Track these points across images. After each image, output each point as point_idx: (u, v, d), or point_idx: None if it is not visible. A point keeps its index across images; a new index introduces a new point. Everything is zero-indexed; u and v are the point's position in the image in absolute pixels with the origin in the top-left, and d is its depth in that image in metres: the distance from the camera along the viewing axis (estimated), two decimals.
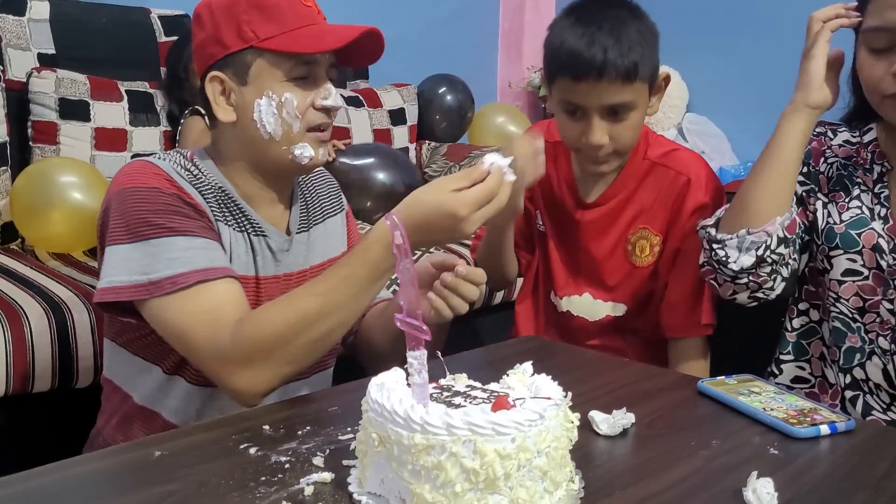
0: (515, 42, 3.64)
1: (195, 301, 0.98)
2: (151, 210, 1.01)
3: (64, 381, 1.55)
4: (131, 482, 0.76)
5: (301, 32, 1.05)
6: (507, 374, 0.78)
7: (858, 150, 1.20)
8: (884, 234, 1.12)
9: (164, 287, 0.98)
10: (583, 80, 1.21)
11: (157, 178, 1.04)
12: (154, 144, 2.26)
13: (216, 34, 1.06)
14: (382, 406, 0.68)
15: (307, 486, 0.73)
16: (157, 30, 2.41)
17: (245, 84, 1.07)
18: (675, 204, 1.35)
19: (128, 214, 1.01)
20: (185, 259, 0.99)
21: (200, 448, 0.81)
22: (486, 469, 0.64)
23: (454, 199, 0.92)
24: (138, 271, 0.99)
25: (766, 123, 1.15)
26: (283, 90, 1.06)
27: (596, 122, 1.24)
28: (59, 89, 2.10)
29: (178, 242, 1.00)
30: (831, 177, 1.20)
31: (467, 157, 2.81)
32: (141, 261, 1.00)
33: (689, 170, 1.35)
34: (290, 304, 0.97)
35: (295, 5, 1.06)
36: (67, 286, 1.67)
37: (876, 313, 1.12)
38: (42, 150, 2.09)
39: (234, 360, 0.96)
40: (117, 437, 1.13)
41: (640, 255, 1.39)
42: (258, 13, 1.04)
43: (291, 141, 1.07)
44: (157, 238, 1.00)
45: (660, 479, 0.77)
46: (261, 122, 1.06)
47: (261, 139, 1.07)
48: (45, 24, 2.20)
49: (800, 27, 1.21)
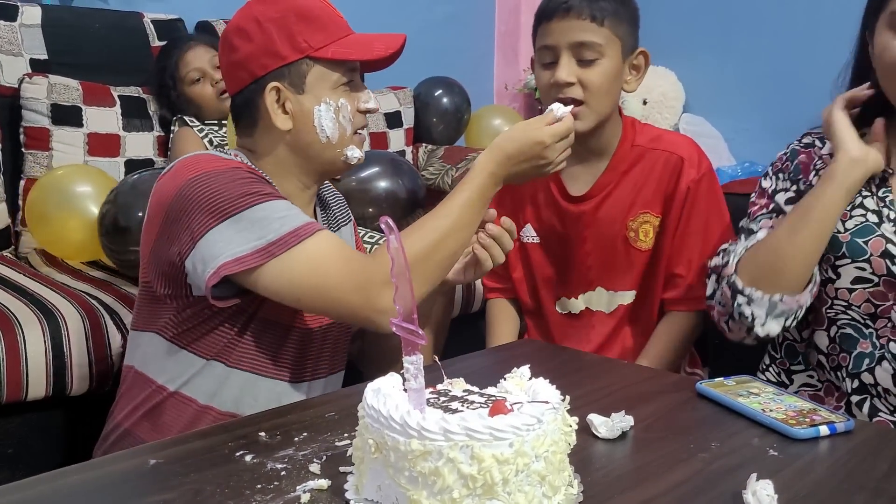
0: (511, 44, 3.64)
1: (318, 247, 1.02)
2: (243, 183, 1.04)
3: (58, 388, 1.54)
4: (127, 491, 0.75)
5: (347, 41, 1.13)
6: (504, 377, 0.78)
7: None
8: (894, 238, 1.09)
9: (288, 243, 1.01)
10: (553, 19, 1.33)
11: (230, 161, 1.09)
12: (148, 150, 2.25)
13: (269, 46, 1.10)
14: (379, 412, 0.68)
15: (303, 494, 0.72)
16: (151, 34, 2.39)
17: (302, 92, 1.12)
18: (671, 182, 1.40)
19: (214, 196, 1.03)
20: (294, 215, 1.04)
21: (196, 456, 0.80)
22: (483, 475, 0.64)
23: (541, 130, 1.10)
24: (253, 239, 1.01)
25: (762, 124, 1.15)
26: (338, 96, 1.13)
27: (564, 60, 1.33)
28: (51, 95, 2.09)
29: (280, 205, 1.04)
30: None
31: (465, 159, 2.81)
32: (251, 230, 1.02)
33: (681, 149, 1.41)
34: (421, 228, 1.06)
35: (333, 17, 1.14)
36: (61, 293, 1.66)
37: (888, 318, 1.11)
38: (35, 156, 2.08)
39: (377, 282, 1.00)
40: (144, 426, 1.14)
41: (644, 238, 1.42)
42: (307, 24, 1.11)
43: (344, 143, 1.15)
44: (259, 205, 1.03)
45: (659, 483, 0.76)
46: (321, 128, 1.13)
47: (318, 143, 1.14)
48: (37, 29, 2.19)
49: (796, 28, 1.22)
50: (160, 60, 2.25)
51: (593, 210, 1.43)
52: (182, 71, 2.20)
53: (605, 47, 1.32)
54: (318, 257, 1.02)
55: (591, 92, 1.32)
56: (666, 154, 1.40)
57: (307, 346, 1.18)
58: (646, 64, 1.40)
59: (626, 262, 1.43)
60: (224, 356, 1.12)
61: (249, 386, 1.14)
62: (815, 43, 2.94)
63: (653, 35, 1.40)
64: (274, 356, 1.15)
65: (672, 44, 2.98)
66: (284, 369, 1.16)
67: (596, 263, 1.45)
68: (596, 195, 1.42)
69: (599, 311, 1.47)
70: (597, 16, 1.31)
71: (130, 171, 2.18)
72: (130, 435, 1.15)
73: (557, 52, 1.33)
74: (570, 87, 1.32)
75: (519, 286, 1.54)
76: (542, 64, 1.37)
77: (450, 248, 1.06)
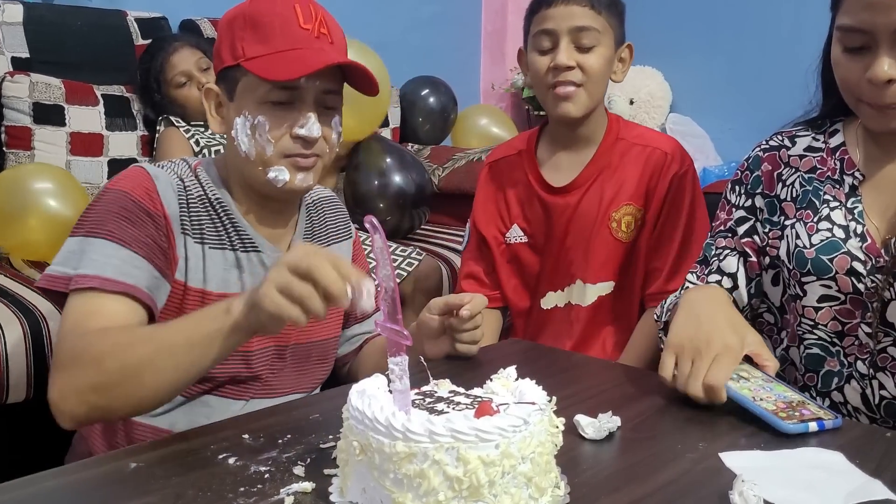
0: (498, 44, 3.64)
1: (80, 304, 0.97)
2: (108, 211, 1.02)
3: (39, 391, 1.52)
4: (107, 494, 0.74)
5: (282, 56, 1.03)
6: (490, 378, 0.77)
7: (824, 158, 1.11)
8: (860, 255, 1.03)
9: (75, 282, 0.98)
10: (553, 5, 1.36)
11: (136, 183, 1.04)
12: (131, 149, 2.23)
13: (218, 47, 1.09)
14: (363, 413, 0.67)
15: (287, 497, 0.71)
16: (134, 32, 2.37)
17: (232, 100, 1.08)
18: (654, 176, 1.43)
19: (92, 211, 1.03)
20: (101, 264, 0.98)
21: (177, 459, 0.79)
22: (469, 476, 0.63)
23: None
24: (71, 265, 1.00)
25: (748, 123, 1.16)
26: (258, 112, 1.05)
27: (564, 44, 1.36)
28: (32, 93, 2.07)
29: (106, 248, 1.00)
30: (796, 196, 1.11)
31: (451, 158, 2.80)
32: (75, 255, 1.00)
33: (664, 145, 1.46)
34: (130, 335, 0.93)
35: (289, 26, 1.04)
36: (42, 295, 1.63)
37: (854, 336, 1.06)
38: (16, 155, 2.06)
39: (56, 363, 0.94)
40: (98, 443, 1.11)
41: (627, 230, 1.45)
42: (251, 31, 1.05)
43: (265, 163, 1.07)
44: (94, 238, 1.00)
45: (646, 483, 0.75)
46: (237, 140, 1.07)
47: (239, 156, 1.08)
48: (19, 27, 2.16)
49: (783, 28, 1.21)
50: (143, 62, 2.23)
51: (576, 201, 1.45)
52: (168, 74, 2.18)
53: (602, 35, 1.37)
54: (70, 313, 0.97)
55: (589, 77, 1.37)
56: (650, 149, 1.45)
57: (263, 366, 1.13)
58: (630, 57, 1.46)
59: (605, 254, 1.46)
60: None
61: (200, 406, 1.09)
62: (799, 44, 2.96)
63: (640, 36, 1.43)
64: (222, 378, 1.09)
65: (659, 44, 2.99)
66: (234, 389, 1.11)
67: (577, 256, 1.47)
68: (580, 186, 1.45)
69: (578, 304, 1.48)
70: (595, 4, 1.36)
71: (114, 171, 2.16)
72: (90, 449, 1.11)
73: (557, 37, 1.37)
74: (570, 70, 1.36)
75: (506, 287, 1.54)
76: (539, 50, 1.39)
77: (140, 368, 0.89)
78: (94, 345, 0.92)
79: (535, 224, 1.49)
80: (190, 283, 1.06)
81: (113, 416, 0.99)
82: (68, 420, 0.93)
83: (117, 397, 0.90)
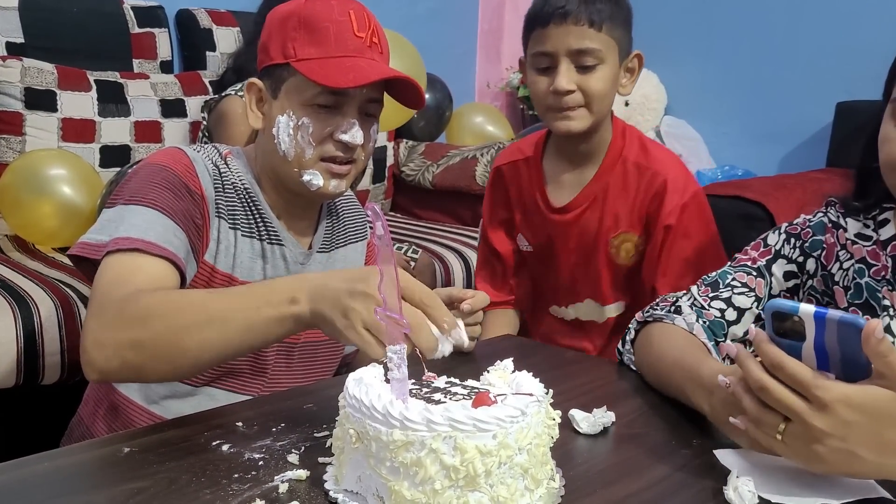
0: (494, 43, 3.64)
1: (121, 261, 0.94)
2: (148, 182, 1.01)
3: (29, 377, 1.51)
4: (99, 479, 0.74)
5: (335, 62, 1.03)
6: (487, 370, 0.77)
7: (876, 252, 0.96)
8: None
9: (115, 244, 0.95)
10: (550, 24, 1.27)
11: (175, 160, 1.05)
12: (124, 136, 2.21)
13: (266, 43, 1.08)
14: (360, 401, 0.66)
15: (281, 484, 0.71)
16: (130, 20, 2.36)
17: (276, 98, 1.08)
18: (653, 204, 1.36)
19: (130, 183, 1.02)
20: (143, 228, 0.97)
21: (171, 445, 0.78)
22: (466, 466, 0.63)
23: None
24: (108, 232, 0.98)
25: (742, 128, 1.15)
26: (304, 114, 1.05)
27: (563, 67, 1.28)
28: (24, 78, 2.05)
29: (148, 214, 0.98)
30: (848, 286, 0.98)
31: (445, 155, 2.80)
32: (113, 223, 0.98)
33: (667, 170, 1.36)
34: (181, 298, 0.89)
35: (344, 33, 1.05)
36: (34, 280, 1.62)
37: None
38: (7, 141, 2.04)
39: (95, 311, 0.90)
40: (100, 427, 1.10)
41: (627, 256, 1.40)
42: (305, 33, 1.04)
43: (302, 165, 1.07)
44: (136, 205, 0.99)
45: (640, 478, 0.76)
46: (278, 139, 1.07)
47: (276, 155, 1.08)
48: (14, 12, 2.14)
49: (776, 34, 1.20)
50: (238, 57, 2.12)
51: (575, 220, 1.41)
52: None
53: (604, 53, 1.29)
54: (113, 271, 0.93)
55: (590, 98, 1.30)
56: (651, 173, 1.36)
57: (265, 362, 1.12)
58: (639, 67, 1.38)
59: (611, 277, 1.42)
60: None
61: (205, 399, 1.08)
62: (794, 49, 2.98)
63: (636, 38, 1.38)
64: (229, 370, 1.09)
65: (654, 47, 2.98)
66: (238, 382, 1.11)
67: (582, 276, 1.44)
68: (578, 206, 1.40)
69: (591, 320, 1.46)
70: (595, 20, 1.27)
71: (105, 157, 2.15)
72: (90, 432, 1.11)
73: (556, 58, 1.29)
74: (570, 94, 1.29)
75: (519, 290, 1.54)
76: (538, 69, 1.32)
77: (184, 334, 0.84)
78: (140, 301, 0.87)
79: (538, 237, 1.47)
80: (218, 267, 1.06)
81: (144, 377, 0.93)
82: (97, 372, 0.87)
83: (154, 358, 0.85)
